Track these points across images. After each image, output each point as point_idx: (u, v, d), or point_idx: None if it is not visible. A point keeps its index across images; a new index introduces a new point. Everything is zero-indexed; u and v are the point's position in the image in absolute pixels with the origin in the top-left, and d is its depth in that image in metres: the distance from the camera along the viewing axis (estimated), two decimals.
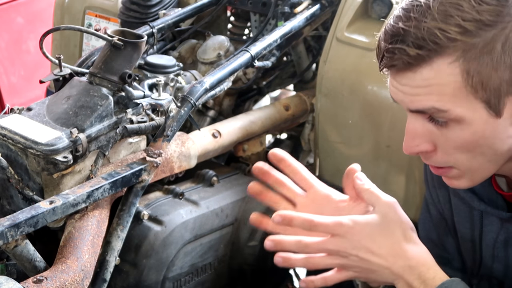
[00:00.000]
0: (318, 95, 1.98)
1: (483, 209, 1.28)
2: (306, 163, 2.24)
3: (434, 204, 1.43)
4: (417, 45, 1.05)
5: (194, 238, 1.68)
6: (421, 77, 1.07)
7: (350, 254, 1.17)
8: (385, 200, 1.20)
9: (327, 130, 1.98)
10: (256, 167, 1.29)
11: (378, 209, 1.19)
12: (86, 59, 1.83)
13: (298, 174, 1.30)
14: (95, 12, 2.42)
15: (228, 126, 1.91)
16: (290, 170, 1.30)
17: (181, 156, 1.70)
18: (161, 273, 1.63)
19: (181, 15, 2.09)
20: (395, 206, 1.20)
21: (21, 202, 1.48)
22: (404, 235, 1.18)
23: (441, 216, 1.43)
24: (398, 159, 1.84)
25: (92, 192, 1.44)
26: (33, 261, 1.38)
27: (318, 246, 1.18)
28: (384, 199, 1.20)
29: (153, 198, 1.71)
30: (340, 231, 1.17)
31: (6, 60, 3.34)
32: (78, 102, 1.53)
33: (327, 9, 2.11)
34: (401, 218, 1.19)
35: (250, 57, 1.84)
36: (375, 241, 1.17)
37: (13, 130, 1.47)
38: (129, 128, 1.57)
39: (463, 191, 1.29)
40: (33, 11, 3.41)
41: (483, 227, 1.31)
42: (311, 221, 1.17)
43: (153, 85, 1.77)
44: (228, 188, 1.81)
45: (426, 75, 1.07)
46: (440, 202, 1.41)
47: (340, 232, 1.17)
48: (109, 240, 1.52)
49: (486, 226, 1.31)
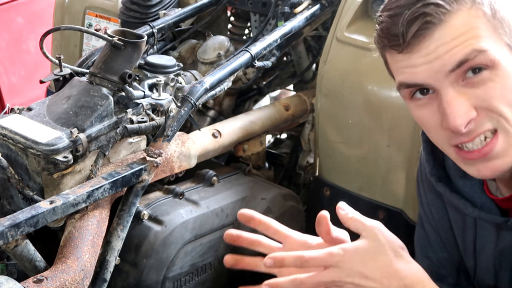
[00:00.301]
0: (318, 95, 1.98)
1: (477, 215, 1.27)
2: (306, 163, 2.25)
3: (428, 221, 1.44)
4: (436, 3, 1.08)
5: (194, 238, 1.68)
6: (454, 27, 1.09)
7: (346, 282, 1.17)
8: (370, 225, 1.20)
9: (327, 130, 1.98)
10: (227, 235, 1.29)
11: (365, 235, 1.19)
12: (86, 59, 1.83)
13: (270, 228, 1.29)
14: (95, 12, 2.42)
15: (228, 126, 1.91)
16: (261, 227, 1.29)
17: (181, 156, 1.70)
18: (161, 273, 1.63)
19: (181, 15, 2.09)
20: (381, 228, 1.19)
21: (21, 202, 1.48)
22: (395, 255, 1.18)
23: (436, 232, 1.43)
24: (398, 159, 1.84)
25: (92, 192, 1.44)
26: (33, 261, 1.38)
27: (313, 280, 1.18)
28: (370, 224, 1.20)
29: (153, 198, 1.71)
30: (332, 261, 1.17)
31: (6, 60, 3.34)
32: (78, 102, 1.53)
33: (327, 9, 2.11)
34: (390, 239, 1.19)
35: (250, 57, 1.84)
36: (367, 266, 1.16)
37: (13, 130, 1.47)
38: (129, 128, 1.57)
39: (457, 198, 1.28)
40: (33, 11, 3.41)
41: (477, 235, 1.31)
42: (302, 257, 1.17)
43: (153, 85, 1.77)
44: (228, 188, 1.81)
45: (456, 23, 1.09)
46: (434, 218, 1.41)
47: (332, 262, 1.17)
48: (109, 240, 1.52)
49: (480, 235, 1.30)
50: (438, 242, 1.43)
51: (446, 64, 1.10)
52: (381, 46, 1.17)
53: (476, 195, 1.27)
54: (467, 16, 1.09)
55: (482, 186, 1.27)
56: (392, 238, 1.19)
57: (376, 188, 1.90)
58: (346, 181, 1.96)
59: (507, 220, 1.22)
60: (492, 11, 1.10)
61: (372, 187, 1.91)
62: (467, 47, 1.09)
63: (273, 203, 1.83)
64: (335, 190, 1.99)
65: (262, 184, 1.89)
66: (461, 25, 1.09)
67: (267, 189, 1.86)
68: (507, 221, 1.22)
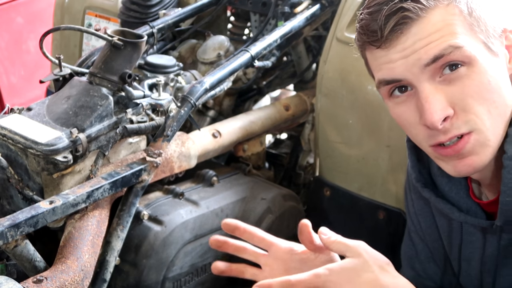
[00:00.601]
0: (318, 95, 1.98)
1: (463, 220, 1.27)
2: (306, 163, 2.25)
3: (416, 231, 1.44)
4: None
5: (194, 238, 1.68)
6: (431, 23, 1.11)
7: None
8: (353, 244, 1.21)
9: (327, 130, 1.98)
10: (213, 240, 1.30)
11: (349, 255, 1.20)
12: (86, 59, 1.83)
13: (255, 237, 1.30)
14: (95, 12, 2.42)
15: (228, 126, 1.91)
16: (246, 236, 1.30)
17: (181, 156, 1.70)
18: (161, 273, 1.63)
19: (181, 15, 2.09)
20: (365, 247, 1.21)
21: (21, 202, 1.48)
22: (380, 271, 1.19)
23: (423, 242, 1.43)
24: (398, 159, 1.84)
25: (92, 192, 1.44)
26: (33, 261, 1.38)
27: None
28: (353, 244, 1.21)
29: (153, 198, 1.71)
30: (319, 282, 1.18)
31: (6, 60, 3.34)
32: (78, 102, 1.53)
33: (327, 9, 2.11)
34: (374, 256, 1.20)
35: (250, 57, 1.84)
36: (354, 284, 1.18)
37: (13, 130, 1.47)
38: (129, 128, 1.57)
39: (443, 203, 1.29)
40: (33, 11, 3.41)
41: (463, 240, 1.31)
42: (289, 281, 1.18)
43: (153, 85, 1.77)
44: (228, 188, 1.81)
45: (434, 19, 1.11)
46: (422, 228, 1.42)
47: (319, 283, 1.18)
48: (109, 240, 1.52)
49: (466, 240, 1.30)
50: (426, 252, 1.43)
51: (422, 58, 1.12)
52: (361, 43, 1.19)
53: (461, 200, 1.28)
54: (444, 12, 1.11)
55: (467, 190, 1.28)
56: (376, 255, 1.21)
57: (376, 188, 1.90)
58: (346, 181, 1.96)
59: (492, 224, 1.22)
60: (469, 9, 1.12)
61: (372, 187, 1.91)
62: (443, 43, 1.11)
63: (273, 203, 1.83)
64: (335, 190, 1.99)
65: (262, 184, 1.89)
66: (437, 21, 1.11)
67: (267, 189, 1.86)
68: (492, 224, 1.22)
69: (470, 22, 1.12)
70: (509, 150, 1.16)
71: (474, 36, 1.13)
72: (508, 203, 1.17)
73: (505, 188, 1.17)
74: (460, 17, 1.12)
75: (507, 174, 1.16)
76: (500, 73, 1.15)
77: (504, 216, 1.19)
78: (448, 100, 1.14)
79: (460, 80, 1.13)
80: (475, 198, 1.28)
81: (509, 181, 1.16)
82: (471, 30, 1.12)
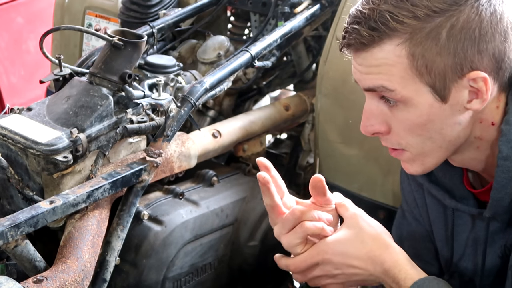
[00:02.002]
0: (319, 95, 1.98)
1: (454, 207, 1.32)
2: (306, 163, 2.25)
3: (410, 210, 1.49)
4: (370, 27, 1.13)
5: (194, 238, 1.68)
6: (373, 57, 1.15)
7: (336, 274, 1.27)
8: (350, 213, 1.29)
9: (328, 130, 1.98)
10: (260, 176, 1.34)
11: (346, 222, 1.28)
12: (86, 59, 1.83)
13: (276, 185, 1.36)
14: (95, 12, 2.42)
15: (228, 126, 1.91)
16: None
17: (181, 156, 1.70)
18: (161, 273, 1.63)
19: (181, 15, 2.09)
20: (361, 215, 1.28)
21: (21, 202, 1.48)
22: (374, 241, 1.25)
23: (417, 221, 1.47)
24: (399, 159, 1.84)
25: (92, 192, 1.44)
26: (33, 261, 1.38)
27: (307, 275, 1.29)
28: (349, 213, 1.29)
29: (153, 198, 1.71)
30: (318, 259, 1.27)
31: (6, 60, 3.34)
32: (78, 102, 1.53)
33: (327, 9, 2.11)
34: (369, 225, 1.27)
35: (250, 57, 1.84)
36: (351, 256, 1.25)
37: (13, 130, 1.47)
38: (129, 128, 1.57)
39: (436, 189, 1.33)
40: (33, 11, 3.41)
41: (455, 225, 1.35)
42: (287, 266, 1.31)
43: (153, 85, 1.77)
44: (228, 188, 1.81)
45: (377, 55, 1.14)
46: (417, 205, 1.46)
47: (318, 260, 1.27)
48: (109, 240, 1.51)
49: (458, 225, 1.34)
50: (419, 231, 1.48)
51: (362, 82, 1.20)
52: None
53: (455, 187, 1.32)
54: (391, 51, 1.13)
55: (461, 178, 1.31)
56: (372, 223, 1.28)
57: (377, 188, 1.90)
58: (346, 181, 1.96)
59: (481, 212, 1.27)
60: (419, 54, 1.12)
61: (372, 187, 1.91)
62: (377, 80, 1.16)
63: None
64: (335, 190, 1.98)
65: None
66: (380, 57, 1.14)
67: None
68: (481, 213, 1.27)
69: (416, 66, 1.13)
70: (503, 150, 1.17)
71: (416, 79, 1.14)
72: (499, 199, 1.21)
73: (498, 185, 1.20)
74: (405, 60, 1.13)
75: (501, 173, 1.19)
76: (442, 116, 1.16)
77: (493, 210, 1.23)
78: (384, 119, 1.20)
79: (395, 112, 1.18)
80: (469, 185, 1.31)
81: (502, 180, 1.19)
82: (414, 74, 1.13)
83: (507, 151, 1.17)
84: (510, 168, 1.17)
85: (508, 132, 1.17)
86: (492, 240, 1.29)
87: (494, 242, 1.29)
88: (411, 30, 1.11)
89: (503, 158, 1.17)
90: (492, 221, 1.27)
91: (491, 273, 1.31)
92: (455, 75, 1.13)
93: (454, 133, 1.18)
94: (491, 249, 1.30)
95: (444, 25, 1.11)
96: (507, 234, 1.26)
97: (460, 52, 1.11)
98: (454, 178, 1.31)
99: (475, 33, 1.11)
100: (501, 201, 1.20)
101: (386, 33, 1.12)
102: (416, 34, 1.11)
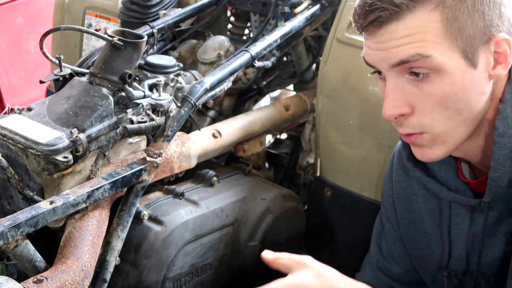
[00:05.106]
0: (319, 95, 1.98)
1: (452, 199, 1.31)
2: (306, 163, 2.25)
3: (386, 214, 1.52)
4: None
5: (194, 238, 1.68)
6: (405, 26, 1.13)
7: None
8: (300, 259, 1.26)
9: (328, 130, 1.98)
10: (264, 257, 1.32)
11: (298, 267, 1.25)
12: (86, 59, 1.83)
13: None
14: (95, 12, 2.42)
15: (228, 126, 1.91)
16: None
17: (181, 156, 1.70)
18: (161, 273, 1.62)
19: (181, 15, 2.09)
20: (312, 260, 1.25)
21: (21, 202, 1.48)
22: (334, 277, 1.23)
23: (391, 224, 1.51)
24: None
25: (92, 192, 1.44)
26: (33, 261, 1.38)
27: None
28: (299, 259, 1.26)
29: (153, 198, 1.71)
30: None
31: (6, 60, 3.34)
32: (78, 102, 1.53)
33: (327, 9, 2.11)
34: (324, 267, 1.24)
35: (250, 57, 1.84)
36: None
37: (13, 130, 1.47)
38: (129, 128, 1.57)
39: (433, 183, 1.32)
40: (33, 11, 3.41)
41: (452, 220, 1.35)
42: None
43: (153, 85, 1.77)
44: (228, 188, 1.81)
45: (409, 24, 1.13)
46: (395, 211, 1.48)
47: None
48: (109, 240, 1.51)
49: (455, 217, 1.34)
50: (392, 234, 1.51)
51: (391, 58, 1.16)
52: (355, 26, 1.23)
53: (450, 180, 1.32)
54: (423, 18, 1.13)
55: (456, 171, 1.32)
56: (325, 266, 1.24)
57: (378, 188, 1.90)
58: (347, 182, 1.96)
59: (480, 202, 1.27)
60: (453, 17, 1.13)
61: (373, 188, 1.91)
62: (412, 49, 1.14)
63: (273, 203, 1.83)
64: (336, 190, 1.99)
65: (262, 184, 1.89)
66: (412, 26, 1.13)
67: (267, 189, 1.86)
68: (480, 202, 1.27)
69: (450, 30, 1.13)
70: (500, 127, 1.19)
71: (450, 44, 1.13)
72: (497, 178, 1.21)
73: (495, 163, 1.20)
74: (439, 24, 1.13)
75: (498, 150, 1.20)
76: (472, 84, 1.16)
77: (493, 192, 1.23)
78: (408, 100, 1.18)
79: (425, 85, 1.16)
80: (464, 178, 1.32)
81: (499, 157, 1.20)
82: (448, 39, 1.13)
83: (503, 128, 1.18)
84: (506, 145, 1.18)
85: (504, 110, 1.19)
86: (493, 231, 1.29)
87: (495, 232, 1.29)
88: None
89: (499, 135, 1.19)
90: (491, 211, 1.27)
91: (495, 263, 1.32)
92: (483, 39, 1.14)
93: (480, 105, 1.18)
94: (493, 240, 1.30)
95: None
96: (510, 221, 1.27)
97: (487, 15, 1.13)
98: (449, 171, 1.32)
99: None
100: (499, 181, 1.20)
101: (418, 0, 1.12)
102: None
